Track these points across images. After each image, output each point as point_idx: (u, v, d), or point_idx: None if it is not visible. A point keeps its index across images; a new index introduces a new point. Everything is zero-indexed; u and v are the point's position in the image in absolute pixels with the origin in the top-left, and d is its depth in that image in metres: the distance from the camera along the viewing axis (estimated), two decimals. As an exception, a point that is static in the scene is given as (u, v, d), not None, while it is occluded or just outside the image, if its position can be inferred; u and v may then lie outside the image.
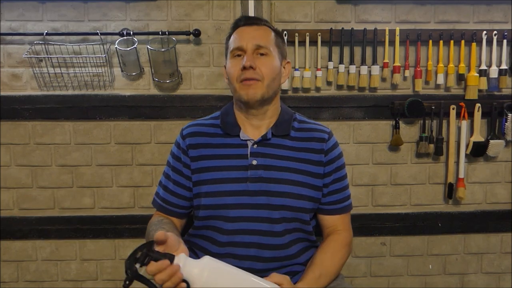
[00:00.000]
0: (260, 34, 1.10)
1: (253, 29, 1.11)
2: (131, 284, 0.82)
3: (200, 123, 1.18)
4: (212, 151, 1.12)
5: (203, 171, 1.11)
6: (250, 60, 1.05)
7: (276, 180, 1.08)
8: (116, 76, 1.78)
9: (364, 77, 1.77)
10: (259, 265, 1.07)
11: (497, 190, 1.89)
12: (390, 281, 1.92)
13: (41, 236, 1.82)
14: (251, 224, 1.07)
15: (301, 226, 1.11)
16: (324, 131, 1.16)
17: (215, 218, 1.09)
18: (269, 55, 1.09)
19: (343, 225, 1.16)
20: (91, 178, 1.81)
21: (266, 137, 1.11)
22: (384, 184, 1.86)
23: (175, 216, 1.17)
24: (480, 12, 1.80)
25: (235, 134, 1.12)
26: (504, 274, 1.94)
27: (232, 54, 1.10)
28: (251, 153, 1.10)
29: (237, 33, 1.11)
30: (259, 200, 1.07)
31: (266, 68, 1.07)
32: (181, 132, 1.17)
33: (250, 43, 1.07)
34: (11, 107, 1.75)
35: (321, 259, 1.08)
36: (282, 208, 1.07)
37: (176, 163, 1.15)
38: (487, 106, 1.79)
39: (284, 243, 1.09)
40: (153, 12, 1.75)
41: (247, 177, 1.08)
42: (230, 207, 1.07)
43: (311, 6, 1.77)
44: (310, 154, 1.12)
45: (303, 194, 1.09)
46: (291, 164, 1.10)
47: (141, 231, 1.81)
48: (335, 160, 1.14)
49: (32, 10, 1.73)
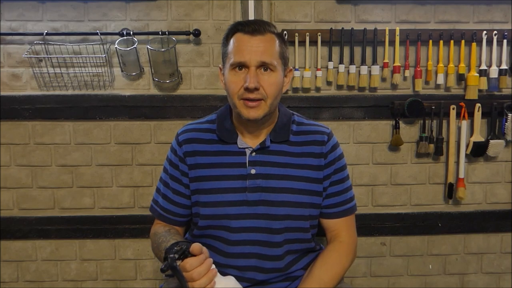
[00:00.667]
0: (265, 48, 1.01)
1: (257, 41, 1.01)
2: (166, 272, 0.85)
3: (196, 127, 1.14)
4: (210, 159, 1.09)
5: (201, 180, 1.08)
6: (254, 81, 0.99)
7: (275, 189, 1.06)
8: (116, 76, 1.78)
9: (364, 77, 1.77)
10: (261, 276, 1.07)
11: (497, 190, 1.89)
12: (390, 281, 1.92)
13: (41, 236, 1.82)
14: (251, 234, 1.06)
15: (300, 235, 1.09)
16: (323, 132, 1.12)
17: (217, 228, 1.07)
18: (274, 70, 1.02)
19: (346, 228, 1.13)
20: (91, 178, 1.81)
21: (264, 144, 1.08)
22: (384, 184, 1.86)
23: (176, 225, 1.15)
24: (480, 12, 1.80)
25: (232, 142, 1.09)
26: (504, 274, 1.94)
27: (232, 66, 1.02)
28: (250, 162, 1.07)
29: (239, 44, 1.01)
30: (258, 210, 1.05)
31: (270, 86, 1.01)
32: (176, 138, 1.13)
33: (254, 60, 1.00)
34: (11, 107, 1.75)
35: (319, 272, 1.05)
36: (281, 218, 1.05)
37: (174, 171, 1.12)
38: (487, 106, 1.79)
39: (281, 254, 1.07)
40: (153, 12, 1.75)
41: (245, 187, 1.06)
42: (231, 217, 1.06)
43: (311, 6, 1.77)
44: (310, 159, 1.09)
45: (304, 202, 1.07)
46: (290, 172, 1.07)
47: (141, 231, 1.82)
48: (334, 162, 1.11)
49: (32, 10, 1.73)
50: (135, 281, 1.87)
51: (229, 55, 1.03)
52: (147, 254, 1.86)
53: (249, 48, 1.00)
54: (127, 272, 1.87)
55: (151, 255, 1.86)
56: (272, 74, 1.02)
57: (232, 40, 1.03)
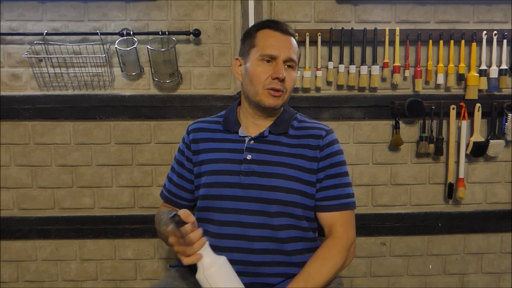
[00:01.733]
0: (293, 47, 1.13)
1: (287, 39, 1.13)
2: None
3: (206, 120, 1.26)
4: (212, 145, 1.18)
5: (203, 163, 1.17)
6: (284, 72, 1.10)
7: (267, 174, 1.10)
8: (116, 76, 1.78)
9: (364, 77, 1.77)
10: (251, 257, 1.08)
11: (497, 190, 1.89)
12: (390, 281, 1.92)
13: (41, 236, 1.82)
14: (243, 216, 1.09)
15: (295, 222, 1.11)
16: (323, 128, 1.18)
17: (208, 210, 1.13)
18: (294, 68, 1.14)
19: (342, 224, 1.13)
20: (91, 178, 1.81)
21: (263, 134, 1.15)
22: (384, 184, 1.86)
23: (180, 208, 1.17)
24: (480, 12, 1.80)
25: (234, 131, 1.18)
26: (504, 274, 1.94)
27: (262, 57, 1.11)
28: (247, 148, 1.14)
29: (272, 39, 1.12)
30: (251, 194, 1.10)
31: (291, 81, 1.13)
32: (187, 129, 1.24)
33: (284, 55, 1.10)
34: (11, 107, 1.75)
35: (309, 269, 1.05)
36: (273, 202, 1.09)
37: (181, 156, 1.24)
38: (487, 106, 1.79)
39: (279, 237, 1.09)
40: (153, 12, 1.75)
41: (240, 171, 1.12)
42: (222, 198, 1.11)
43: (311, 6, 1.77)
44: (306, 150, 1.13)
45: (294, 188, 1.10)
46: (284, 159, 1.12)
47: (141, 231, 1.82)
48: (331, 156, 1.14)
49: (32, 10, 1.73)
50: (135, 281, 1.87)
51: (258, 47, 1.12)
52: (147, 254, 1.86)
53: (282, 43, 1.11)
54: (127, 272, 1.87)
55: (151, 255, 1.86)
56: (293, 71, 1.14)
57: (261, 34, 1.13)
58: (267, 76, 1.10)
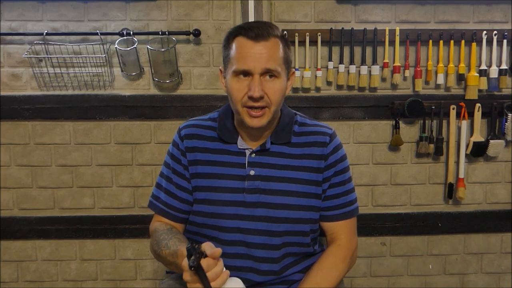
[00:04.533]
0: (270, 54, 0.97)
1: (261, 47, 0.97)
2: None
3: (199, 124, 1.12)
4: (209, 156, 1.08)
5: (200, 177, 1.07)
6: (259, 89, 0.96)
7: (274, 191, 1.04)
8: (116, 76, 1.78)
9: (364, 77, 1.77)
10: (257, 277, 1.06)
11: (497, 190, 1.89)
12: (390, 281, 1.92)
13: (41, 236, 1.82)
14: (248, 236, 1.04)
15: (299, 239, 1.07)
16: (326, 133, 1.10)
17: (209, 227, 1.06)
18: (278, 77, 0.99)
19: (346, 232, 1.10)
20: (91, 178, 1.81)
21: (264, 147, 1.06)
22: (384, 184, 1.86)
23: (178, 222, 1.12)
24: (480, 12, 1.80)
25: (232, 142, 1.08)
26: (504, 274, 1.94)
27: (235, 73, 0.98)
28: (249, 163, 1.06)
29: (242, 50, 0.97)
30: (257, 212, 1.04)
31: (274, 94, 0.98)
32: (179, 132, 1.12)
33: (258, 67, 0.96)
34: (11, 107, 1.75)
35: (315, 277, 1.03)
36: (282, 220, 1.04)
37: (177, 165, 1.10)
38: (487, 106, 1.79)
39: (279, 256, 1.06)
40: (153, 12, 1.75)
41: (244, 188, 1.04)
42: (225, 217, 1.04)
43: (311, 6, 1.77)
44: (310, 160, 1.07)
45: (304, 205, 1.06)
46: (290, 174, 1.05)
47: (141, 231, 1.82)
48: (335, 164, 1.09)
49: (32, 10, 1.73)
50: (135, 281, 1.87)
51: (232, 60, 0.99)
52: (147, 254, 1.86)
53: (253, 55, 0.96)
54: (127, 272, 1.87)
55: (151, 255, 1.85)
56: (277, 80, 0.99)
57: (234, 44, 0.99)
58: (244, 94, 0.97)
